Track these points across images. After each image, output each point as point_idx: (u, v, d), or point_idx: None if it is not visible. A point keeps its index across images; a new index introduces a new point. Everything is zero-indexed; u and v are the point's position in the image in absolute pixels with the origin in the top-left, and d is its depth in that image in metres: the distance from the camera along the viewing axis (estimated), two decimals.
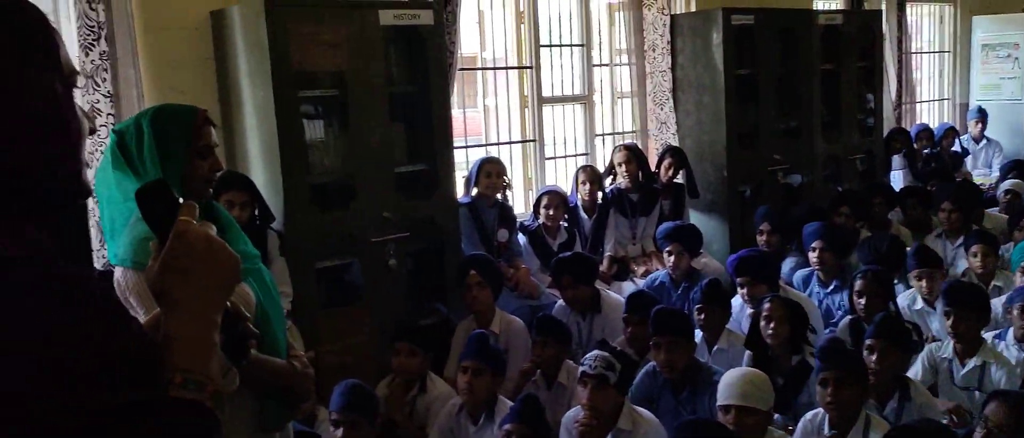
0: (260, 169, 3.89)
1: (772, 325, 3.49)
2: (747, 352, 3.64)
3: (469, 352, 3.38)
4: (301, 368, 2.13)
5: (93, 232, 3.56)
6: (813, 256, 4.73)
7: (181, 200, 1.13)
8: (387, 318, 4.03)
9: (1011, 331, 3.77)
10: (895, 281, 4.26)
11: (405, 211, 4.19)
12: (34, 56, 0.96)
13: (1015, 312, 3.71)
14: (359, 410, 3.04)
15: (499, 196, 4.82)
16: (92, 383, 0.85)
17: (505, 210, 4.85)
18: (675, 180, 5.58)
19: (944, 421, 3.18)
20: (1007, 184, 6.56)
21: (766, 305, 3.55)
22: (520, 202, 5.55)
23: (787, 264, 5.13)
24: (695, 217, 5.79)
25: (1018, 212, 5.55)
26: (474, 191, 4.78)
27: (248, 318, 1.19)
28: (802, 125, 6.25)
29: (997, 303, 4.08)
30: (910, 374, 3.48)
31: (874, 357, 3.22)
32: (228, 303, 1.13)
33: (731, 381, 2.90)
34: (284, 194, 3.79)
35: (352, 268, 4.21)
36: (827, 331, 4.14)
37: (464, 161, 5.09)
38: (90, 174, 1.12)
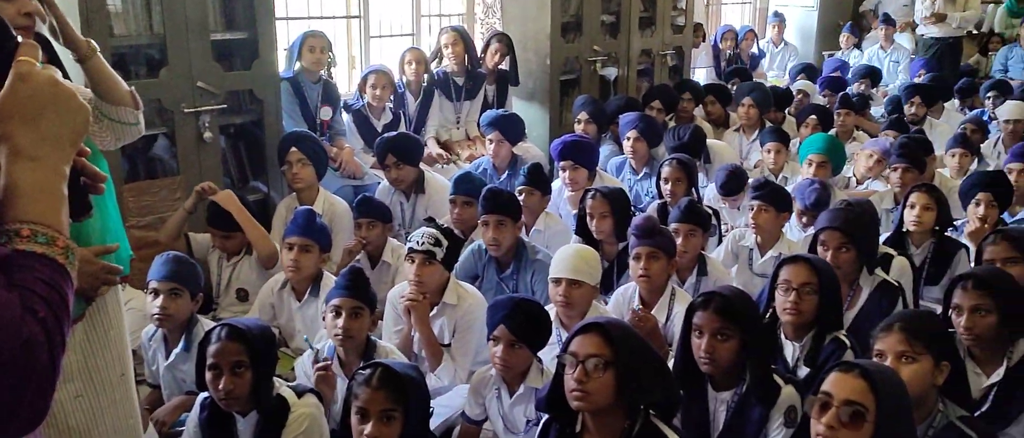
0: None
1: (595, 222, 3.63)
2: (574, 236, 3.78)
3: (295, 228, 3.32)
4: (81, 264, 1.98)
5: None
6: (627, 145, 4.93)
7: (20, 39, 1.02)
8: None
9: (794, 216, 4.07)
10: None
11: (222, 82, 4.00)
12: None
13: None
14: (182, 280, 2.93)
15: (323, 72, 4.68)
16: None
17: (329, 87, 4.72)
18: (500, 67, 5.60)
19: None
20: (798, 84, 7.12)
21: (589, 202, 3.65)
22: (344, 81, 5.41)
23: (601, 151, 5.31)
24: (517, 104, 5.87)
25: (806, 110, 5.97)
26: (297, 66, 4.61)
27: (100, 174, 1.11)
28: (621, 19, 6.40)
29: None
30: (711, 256, 3.74)
31: (680, 238, 3.43)
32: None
33: (563, 256, 3.00)
34: None
35: (159, 140, 4.00)
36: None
37: (286, 34, 4.88)
38: None
